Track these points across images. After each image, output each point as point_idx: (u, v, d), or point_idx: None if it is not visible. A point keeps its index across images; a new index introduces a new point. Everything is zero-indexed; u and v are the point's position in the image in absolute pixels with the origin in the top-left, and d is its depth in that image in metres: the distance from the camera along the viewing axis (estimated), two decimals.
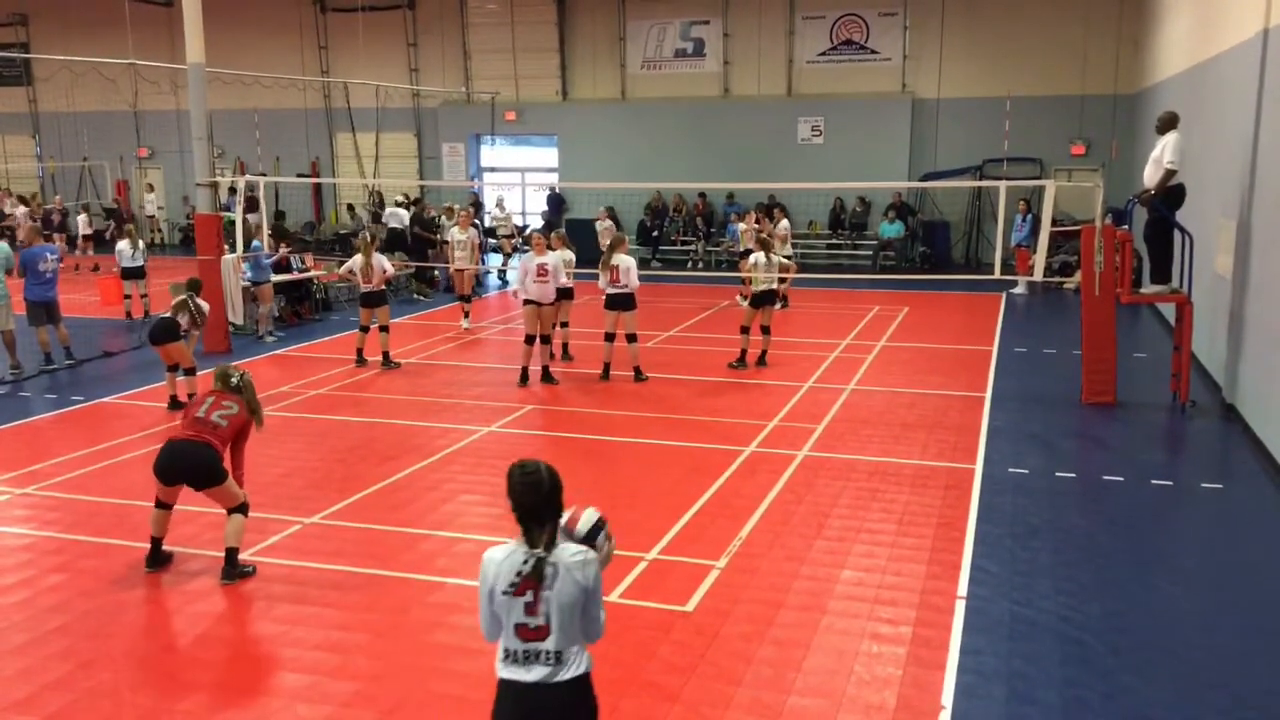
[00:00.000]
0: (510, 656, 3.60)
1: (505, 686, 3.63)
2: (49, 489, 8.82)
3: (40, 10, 30.22)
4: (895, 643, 6.00)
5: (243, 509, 7.01)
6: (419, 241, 20.06)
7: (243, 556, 7.00)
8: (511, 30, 26.92)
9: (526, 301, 12.38)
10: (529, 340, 12.45)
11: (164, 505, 7.02)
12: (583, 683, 3.63)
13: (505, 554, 3.60)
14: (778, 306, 16.31)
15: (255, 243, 16.16)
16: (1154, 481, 8.91)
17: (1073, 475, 9.06)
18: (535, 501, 3.55)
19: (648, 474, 9.11)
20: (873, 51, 24.58)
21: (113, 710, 5.39)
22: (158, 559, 7.09)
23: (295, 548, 7.48)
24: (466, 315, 16.46)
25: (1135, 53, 21.91)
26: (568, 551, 3.58)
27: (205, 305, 11.50)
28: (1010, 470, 9.14)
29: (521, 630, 3.56)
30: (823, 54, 24.91)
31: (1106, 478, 9.01)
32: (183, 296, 11.19)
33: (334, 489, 8.71)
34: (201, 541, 7.57)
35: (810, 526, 7.79)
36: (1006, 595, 6.61)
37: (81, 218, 24.78)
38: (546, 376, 12.51)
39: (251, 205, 23.40)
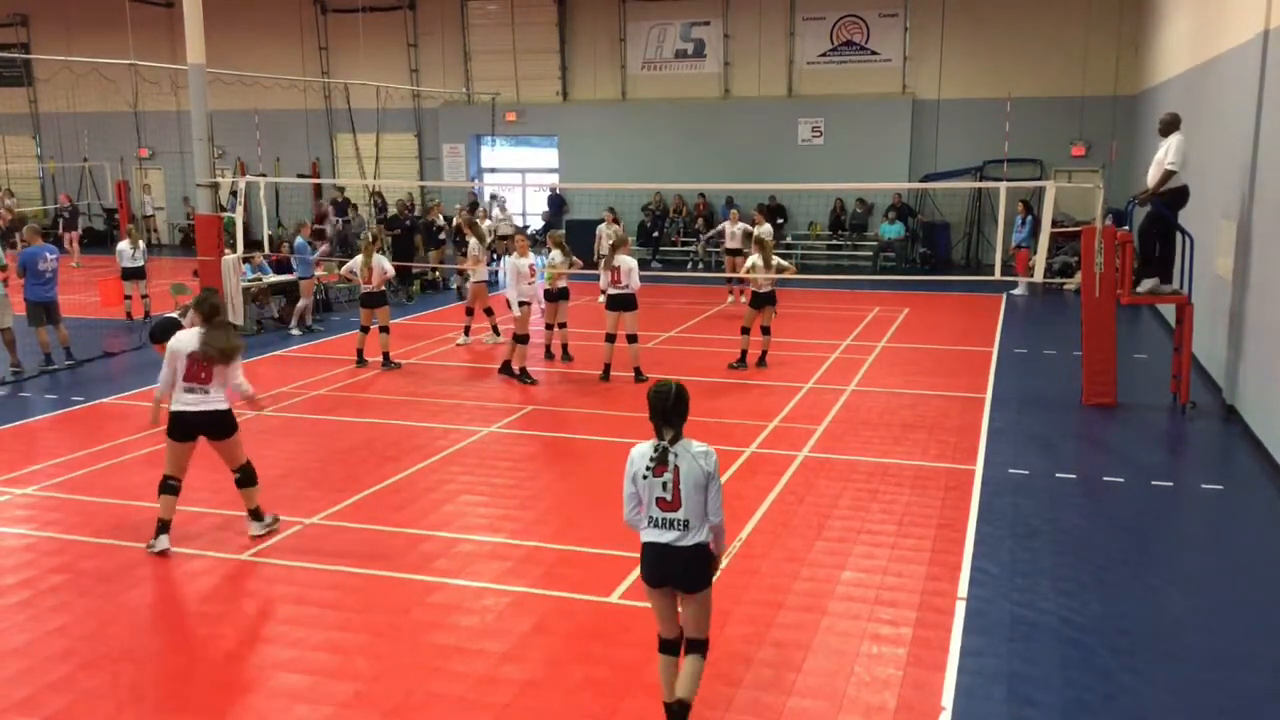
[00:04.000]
0: (651, 523, 4.86)
1: (647, 547, 4.89)
2: (49, 489, 8.82)
3: (41, 11, 30.24)
4: (895, 644, 6.00)
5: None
6: (397, 242, 19.98)
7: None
8: (512, 31, 26.94)
9: (522, 303, 12.56)
10: (524, 339, 12.63)
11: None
12: (702, 549, 4.86)
13: (646, 448, 4.86)
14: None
15: (300, 240, 16.63)
16: (1154, 482, 8.90)
17: (1073, 476, 9.05)
18: (662, 408, 4.79)
19: None
20: (873, 52, 24.58)
21: (113, 710, 5.39)
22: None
23: (295, 548, 7.48)
24: (466, 331, 15.35)
25: (1135, 54, 21.91)
26: (693, 446, 4.82)
27: None
28: (1010, 471, 9.13)
29: (660, 502, 4.82)
30: (823, 55, 24.92)
31: (1107, 479, 9.01)
32: (193, 299, 11.31)
33: (334, 489, 8.71)
34: (203, 543, 7.58)
35: (810, 527, 7.79)
36: (1007, 596, 6.61)
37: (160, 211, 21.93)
38: (525, 376, 12.64)
39: (341, 210, 23.57)
